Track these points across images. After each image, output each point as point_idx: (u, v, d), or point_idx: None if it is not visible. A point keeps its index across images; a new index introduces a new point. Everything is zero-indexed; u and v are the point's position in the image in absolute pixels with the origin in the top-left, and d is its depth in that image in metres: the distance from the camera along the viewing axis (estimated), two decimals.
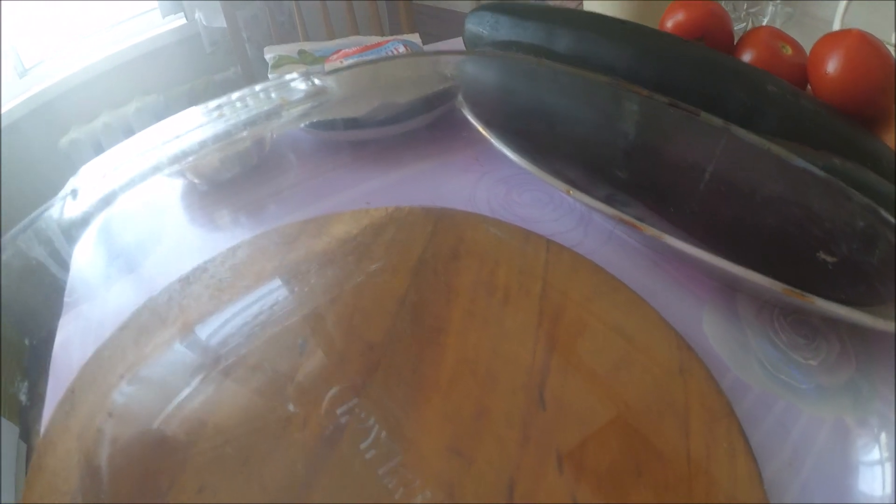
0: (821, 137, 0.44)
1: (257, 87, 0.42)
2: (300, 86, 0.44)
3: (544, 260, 0.42)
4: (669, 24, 0.59)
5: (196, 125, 0.45)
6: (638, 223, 0.37)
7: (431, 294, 0.40)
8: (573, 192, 0.39)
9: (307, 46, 0.77)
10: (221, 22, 1.51)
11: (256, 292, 0.41)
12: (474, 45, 0.61)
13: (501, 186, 0.51)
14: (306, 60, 0.74)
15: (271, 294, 0.41)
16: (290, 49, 0.76)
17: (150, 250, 0.47)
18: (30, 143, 1.55)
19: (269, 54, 0.75)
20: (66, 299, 0.41)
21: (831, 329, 0.39)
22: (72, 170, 1.57)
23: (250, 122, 0.46)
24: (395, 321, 0.38)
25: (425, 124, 0.56)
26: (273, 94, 0.44)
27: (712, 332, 0.40)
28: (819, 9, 1.03)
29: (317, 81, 0.44)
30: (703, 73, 0.47)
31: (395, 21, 1.74)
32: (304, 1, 1.51)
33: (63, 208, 0.39)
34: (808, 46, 0.55)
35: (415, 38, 0.77)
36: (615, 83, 0.39)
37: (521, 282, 0.41)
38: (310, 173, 0.56)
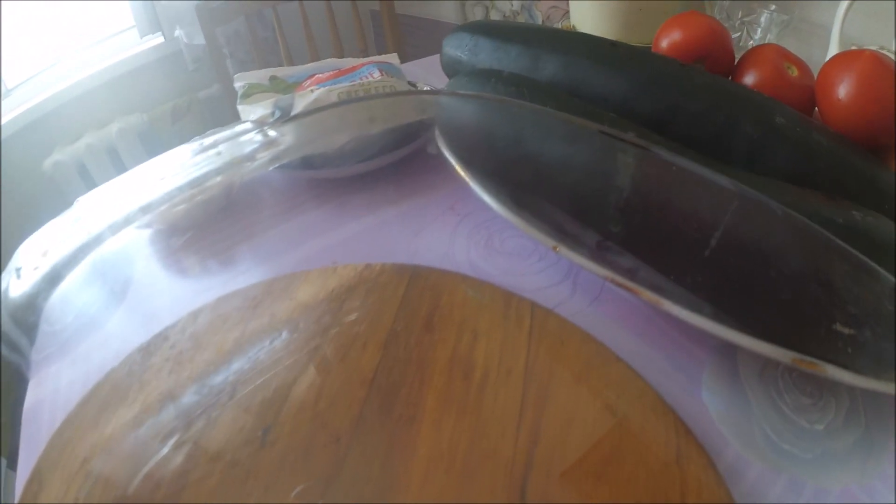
0: (835, 177, 0.40)
1: (206, 142, 0.38)
2: (255, 138, 0.40)
3: (528, 330, 0.38)
4: (665, 44, 0.54)
5: (159, 179, 0.42)
6: (633, 286, 0.33)
7: (402, 374, 0.36)
8: (560, 248, 0.35)
9: (279, 72, 0.73)
10: (202, 39, 1.47)
11: (217, 369, 0.38)
12: (453, 71, 0.56)
13: (482, 233, 0.46)
14: (278, 88, 0.70)
15: (232, 371, 0.37)
16: (261, 76, 0.72)
17: (117, 303, 0.45)
18: (13, 166, 1.51)
19: (239, 82, 0.70)
20: (34, 357, 0.39)
21: (839, 384, 0.35)
22: (57, 192, 1.54)
23: (218, 171, 0.42)
24: (363, 408, 0.35)
25: (400, 159, 0.51)
26: (222, 150, 0.39)
27: (712, 400, 0.36)
28: (817, 14, 0.98)
29: (271, 133, 0.40)
30: (704, 104, 0.43)
31: (379, 33, 1.69)
32: (286, 15, 1.46)
33: (8, 287, 0.36)
34: (808, 55, 0.50)
35: (393, 58, 0.73)
36: (606, 132, 0.34)
37: (502, 358, 0.36)
38: (281, 215, 0.53)
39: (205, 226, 0.51)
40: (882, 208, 0.39)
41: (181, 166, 0.41)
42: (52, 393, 0.38)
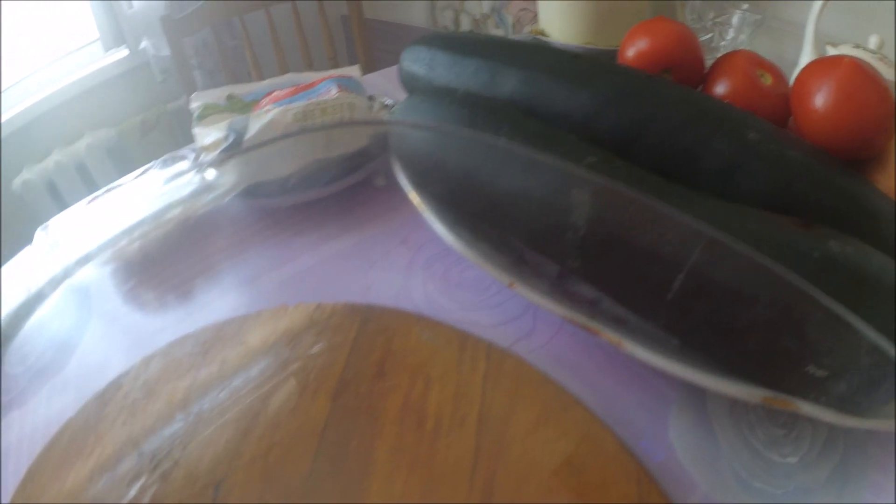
0: (814, 198, 0.37)
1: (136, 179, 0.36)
2: (193, 179, 0.38)
3: (483, 374, 0.35)
4: (631, 54, 0.51)
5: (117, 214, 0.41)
6: (593, 326, 0.30)
7: (354, 425, 0.34)
8: (517, 285, 0.32)
9: (237, 90, 0.70)
10: (169, 50, 1.43)
11: (169, 421, 0.37)
12: (411, 87, 0.53)
13: (438, 265, 0.44)
14: (235, 107, 0.67)
15: (183, 424, 0.36)
16: (218, 95, 0.69)
17: (75, 345, 0.43)
18: None
19: (195, 103, 0.67)
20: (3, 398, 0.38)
21: None
22: (27, 211, 1.50)
23: (173, 205, 0.42)
24: (314, 462, 0.33)
25: (351, 188, 0.48)
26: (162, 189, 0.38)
27: (679, 439, 0.35)
28: (790, 12, 0.96)
29: (208, 175, 0.38)
30: (671, 121, 0.40)
31: (350, 38, 1.66)
32: (253, 24, 1.43)
33: None
34: (782, 54, 0.48)
35: (354, 71, 0.70)
36: (559, 166, 0.32)
37: (455, 406, 0.34)
38: (237, 246, 0.51)
39: (162, 260, 0.49)
40: (863, 228, 0.36)
41: (140, 199, 0.41)
42: (16, 442, 0.36)
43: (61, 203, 1.55)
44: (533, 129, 0.39)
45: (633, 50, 0.51)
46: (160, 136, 1.68)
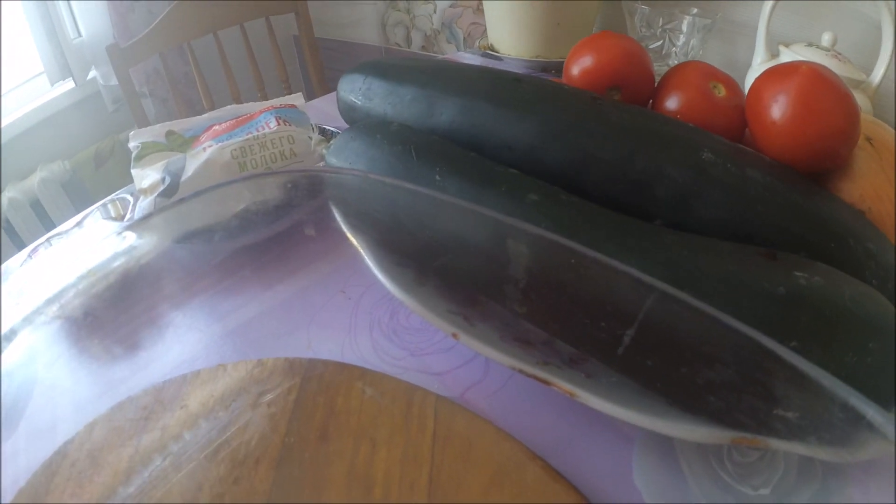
0: (777, 222, 0.35)
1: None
2: (113, 242, 0.37)
3: (432, 434, 0.33)
4: (576, 72, 0.49)
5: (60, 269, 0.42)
6: (543, 376, 0.28)
7: (298, 495, 0.32)
8: (461, 336, 0.30)
9: (176, 126, 0.67)
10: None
11: (113, 495, 0.35)
12: (349, 118, 0.51)
13: (385, 307, 0.41)
14: (174, 144, 0.64)
15: (128, 496, 0.34)
16: (157, 132, 0.66)
17: (23, 409, 0.42)
18: None
19: (133, 142, 0.64)
20: None
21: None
22: None
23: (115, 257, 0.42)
24: None
25: (284, 235, 0.46)
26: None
27: (645, 482, 0.32)
28: (741, 13, 0.96)
29: (128, 238, 0.36)
30: (620, 149, 0.37)
31: (303, 58, 1.64)
32: (202, 50, 1.40)
33: None
34: (734, 57, 0.46)
35: (297, 99, 0.68)
36: (489, 215, 0.29)
37: (404, 471, 0.31)
38: (183, 292, 0.48)
39: (105, 314, 0.47)
40: (832, 250, 0.35)
41: (82, 252, 0.40)
42: None
43: (18, 242, 1.50)
44: (470, 167, 0.36)
45: (578, 68, 0.49)
46: (115, 167, 1.64)
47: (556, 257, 0.28)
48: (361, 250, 0.37)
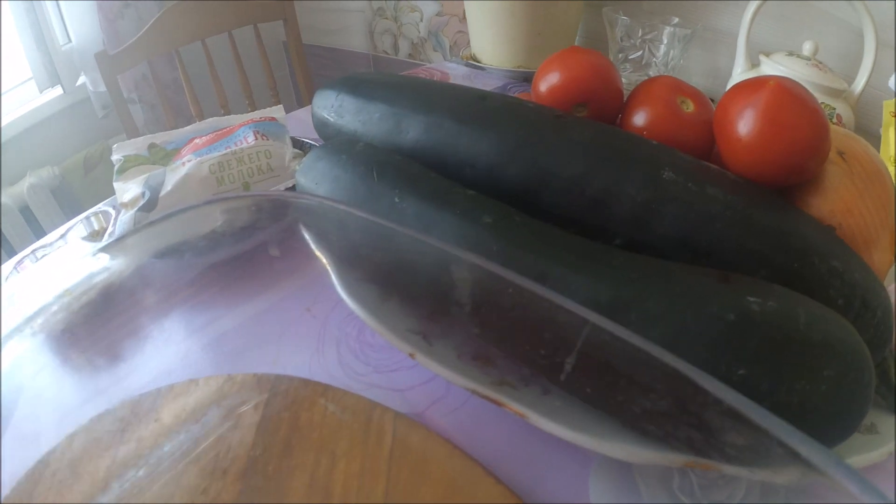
0: (735, 239, 0.35)
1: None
2: (88, 264, 0.38)
3: (389, 449, 0.34)
4: (543, 89, 0.49)
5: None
6: (496, 398, 0.29)
7: None
8: (417, 355, 0.31)
9: (158, 139, 0.68)
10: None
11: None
12: (323, 133, 0.52)
13: (352, 325, 0.42)
14: (156, 157, 0.65)
15: None
16: (139, 145, 0.67)
17: (8, 419, 0.41)
18: None
19: (116, 155, 0.65)
20: None
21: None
22: None
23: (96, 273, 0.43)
24: None
25: (261, 245, 0.47)
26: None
27: (601, 501, 0.33)
28: (722, 21, 0.96)
29: (104, 263, 0.37)
30: (579, 166, 0.38)
31: (291, 65, 1.64)
32: (190, 57, 1.41)
33: None
34: (715, 64, 0.46)
35: (277, 112, 0.69)
36: (436, 245, 0.30)
37: (361, 484, 0.33)
38: (164, 302, 0.49)
39: (86, 327, 0.47)
40: (794, 267, 0.35)
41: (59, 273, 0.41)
42: None
43: (8, 249, 1.51)
44: (429, 188, 0.37)
45: (545, 84, 0.49)
46: (105, 171, 1.64)
47: (495, 285, 0.28)
48: (328, 268, 0.38)
